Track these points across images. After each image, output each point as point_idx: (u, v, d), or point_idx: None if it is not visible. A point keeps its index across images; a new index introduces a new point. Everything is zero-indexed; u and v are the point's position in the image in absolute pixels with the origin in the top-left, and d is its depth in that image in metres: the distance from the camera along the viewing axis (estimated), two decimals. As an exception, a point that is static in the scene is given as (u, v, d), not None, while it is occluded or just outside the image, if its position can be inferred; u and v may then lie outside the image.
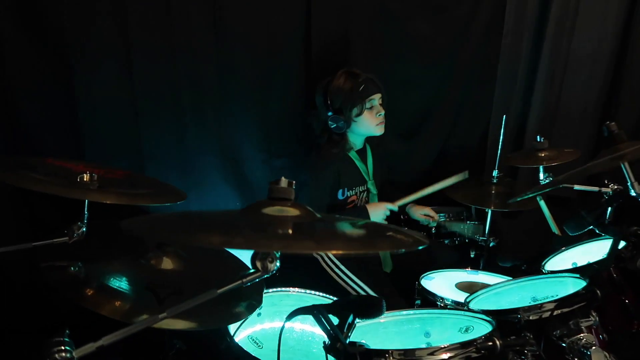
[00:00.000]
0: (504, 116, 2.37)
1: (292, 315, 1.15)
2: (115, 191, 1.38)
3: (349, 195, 2.36)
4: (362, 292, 2.25)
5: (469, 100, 2.74)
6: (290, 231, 0.92)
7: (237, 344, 1.56)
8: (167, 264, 1.52)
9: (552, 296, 1.43)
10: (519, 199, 1.88)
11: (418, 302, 2.18)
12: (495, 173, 2.46)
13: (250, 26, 2.34)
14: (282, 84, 2.45)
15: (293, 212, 1.02)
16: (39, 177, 1.30)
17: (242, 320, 1.61)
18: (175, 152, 2.42)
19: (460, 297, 2.09)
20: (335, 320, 1.10)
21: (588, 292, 1.30)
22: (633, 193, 1.27)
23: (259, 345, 1.70)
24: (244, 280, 0.99)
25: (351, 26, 2.45)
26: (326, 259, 2.29)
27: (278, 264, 1.01)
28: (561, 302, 1.33)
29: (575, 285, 1.51)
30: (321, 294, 1.84)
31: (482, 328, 1.28)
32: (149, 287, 1.39)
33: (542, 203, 2.18)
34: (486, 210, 2.50)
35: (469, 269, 2.36)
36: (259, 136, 2.49)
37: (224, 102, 2.41)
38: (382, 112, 2.25)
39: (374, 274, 2.39)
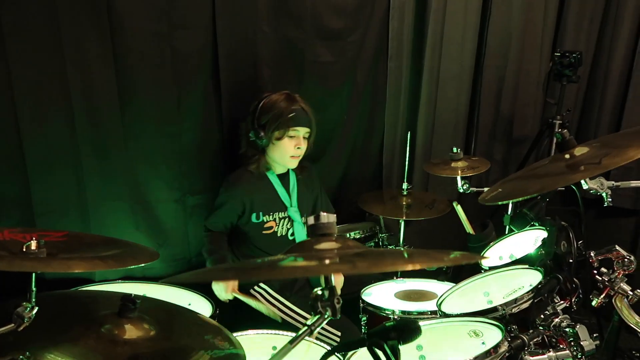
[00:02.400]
0: (409, 132, 2.57)
1: (339, 350, 1.08)
2: (81, 256, 1.13)
3: (265, 220, 2.25)
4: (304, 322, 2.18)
5: (365, 120, 2.90)
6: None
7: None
8: (132, 331, 1.30)
9: (520, 287, 1.59)
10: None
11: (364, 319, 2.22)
12: (405, 186, 2.64)
13: (153, 53, 2.15)
14: (193, 114, 2.29)
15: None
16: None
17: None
18: (75, 201, 2.09)
19: (406, 306, 2.19)
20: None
21: (553, 278, 1.48)
22: (585, 187, 1.50)
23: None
24: (312, 327, 0.91)
25: (257, 52, 2.42)
26: (265, 294, 2.18)
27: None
28: (535, 292, 1.48)
29: (526, 274, 1.70)
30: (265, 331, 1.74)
31: (487, 330, 1.37)
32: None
33: (459, 208, 2.41)
34: (399, 221, 2.67)
35: (396, 278, 2.48)
36: (170, 173, 2.29)
37: (129, 140, 2.17)
38: (301, 147, 2.17)
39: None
